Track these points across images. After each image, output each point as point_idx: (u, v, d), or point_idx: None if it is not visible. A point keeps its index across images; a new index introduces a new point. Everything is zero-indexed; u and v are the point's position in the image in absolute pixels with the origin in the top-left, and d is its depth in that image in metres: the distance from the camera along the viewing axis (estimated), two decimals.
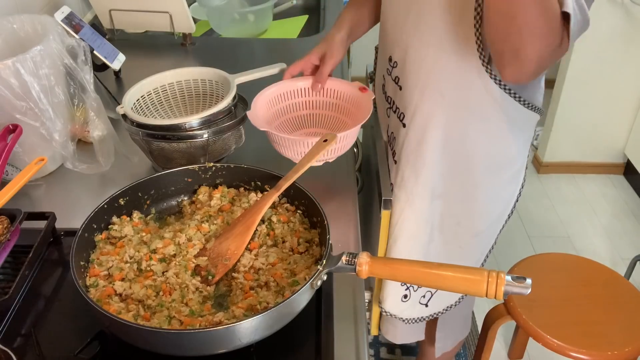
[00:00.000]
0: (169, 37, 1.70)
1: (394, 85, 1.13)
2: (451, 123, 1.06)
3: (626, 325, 1.43)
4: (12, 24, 1.13)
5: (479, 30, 0.92)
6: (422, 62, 1.03)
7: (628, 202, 2.73)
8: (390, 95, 1.16)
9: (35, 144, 1.08)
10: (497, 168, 1.14)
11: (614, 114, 2.71)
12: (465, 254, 1.25)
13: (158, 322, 0.76)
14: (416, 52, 1.04)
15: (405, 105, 1.11)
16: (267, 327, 0.74)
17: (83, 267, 0.83)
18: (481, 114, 1.04)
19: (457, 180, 1.14)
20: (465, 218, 1.20)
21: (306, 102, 1.21)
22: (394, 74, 1.12)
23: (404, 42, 1.06)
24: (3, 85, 0.98)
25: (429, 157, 1.11)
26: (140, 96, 1.15)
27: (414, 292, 1.30)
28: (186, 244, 0.88)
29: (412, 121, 1.10)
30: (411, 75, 1.06)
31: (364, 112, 1.11)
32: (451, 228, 1.21)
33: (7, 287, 0.85)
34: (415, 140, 1.11)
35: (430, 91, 1.04)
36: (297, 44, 1.77)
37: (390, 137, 1.20)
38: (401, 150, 1.15)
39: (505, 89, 0.99)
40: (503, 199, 1.20)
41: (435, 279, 0.73)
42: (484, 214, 1.20)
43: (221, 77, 1.17)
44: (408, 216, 1.19)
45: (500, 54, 0.83)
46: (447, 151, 1.10)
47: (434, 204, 1.17)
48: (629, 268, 2.04)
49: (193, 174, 0.98)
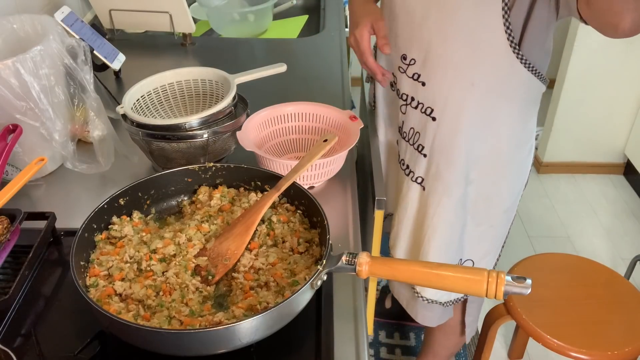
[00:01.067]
0: (169, 37, 1.70)
1: (413, 82, 1.16)
2: (482, 109, 1.12)
3: (626, 325, 1.43)
4: (12, 24, 1.13)
5: (508, 18, 0.98)
6: (449, 56, 1.07)
7: (628, 202, 2.73)
8: (407, 92, 1.18)
9: (35, 144, 1.08)
10: (520, 143, 1.20)
11: (614, 114, 2.71)
12: (496, 232, 1.31)
13: (158, 322, 0.76)
14: (441, 47, 1.07)
15: (433, 100, 1.14)
16: (267, 327, 0.74)
17: (83, 267, 0.83)
18: (509, 96, 1.10)
19: (488, 163, 1.19)
20: (496, 197, 1.25)
21: (296, 126, 1.22)
22: (410, 71, 1.15)
23: (425, 40, 1.09)
24: (3, 85, 0.98)
25: (463, 146, 1.16)
26: (140, 96, 1.15)
27: None
28: (186, 244, 0.88)
29: (443, 113, 1.14)
30: (438, 70, 1.10)
31: (352, 138, 1.13)
32: (484, 209, 1.26)
33: (7, 287, 0.85)
34: (448, 132, 1.15)
35: (460, 83, 1.09)
36: (297, 44, 1.77)
37: (410, 132, 1.23)
38: (432, 143, 1.18)
39: (532, 69, 1.06)
40: (523, 170, 1.27)
41: (435, 279, 0.73)
42: (511, 188, 1.26)
43: (221, 77, 1.17)
44: (446, 205, 1.23)
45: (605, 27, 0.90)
46: (479, 137, 1.15)
47: (468, 189, 1.22)
48: (629, 268, 2.04)
49: (193, 174, 0.98)
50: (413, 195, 1.29)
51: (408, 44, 1.14)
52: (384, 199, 1.20)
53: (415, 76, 1.15)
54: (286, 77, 1.27)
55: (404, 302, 1.51)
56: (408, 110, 1.21)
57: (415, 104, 1.18)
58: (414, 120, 1.20)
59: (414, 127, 1.21)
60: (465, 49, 1.06)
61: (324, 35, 1.77)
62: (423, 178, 1.24)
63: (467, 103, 1.11)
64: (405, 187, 1.30)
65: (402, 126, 1.25)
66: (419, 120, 1.19)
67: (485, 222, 1.28)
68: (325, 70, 1.57)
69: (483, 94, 1.10)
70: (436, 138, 1.17)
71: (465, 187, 1.21)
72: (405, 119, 1.23)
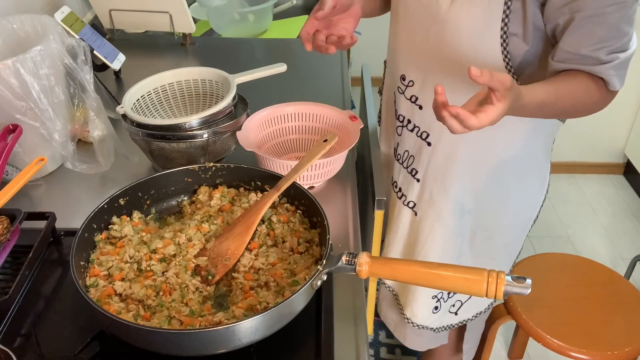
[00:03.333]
0: (169, 37, 1.70)
1: (411, 105, 1.13)
2: (480, 137, 1.04)
3: (626, 325, 1.43)
4: (12, 24, 1.13)
5: (507, 46, 0.95)
6: (446, 82, 1.01)
7: (628, 202, 2.73)
8: (405, 114, 1.15)
9: (35, 144, 1.08)
10: (525, 176, 1.15)
11: (614, 114, 2.70)
12: (496, 265, 1.25)
13: (158, 322, 0.76)
14: (439, 72, 1.04)
15: (429, 125, 1.11)
16: (267, 327, 0.74)
17: (83, 267, 0.83)
18: (509, 124, 1.02)
19: (488, 194, 1.14)
20: (496, 230, 1.20)
21: (296, 126, 1.22)
22: (409, 92, 1.12)
23: (423, 63, 1.06)
24: (3, 85, 0.98)
25: (459, 174, 1.12)
26: (140, 96, 1.15)
27: (444, 303, 1.31)
28: (186, 244, 0.88)
29: (439, 139, 1.11)
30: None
31: (352, 138, 1.12)
32: (483, 242, 1.21)
33: (7, 287, 0.85)
34: (443, 158, 1.12)
35: None
36: (297, 44, 1.77)
37: (404, 155, 1.20)
38: (426, 168, 1.15)
39: None
40: (531, 205, 1.21)
41: (435, 279, 0.73)
42: (515, 222, 1.21)
43: (221, 77, 1.17)
44: (438, 232, 1.19)
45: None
46: (477, 165, 1.11)
47: (464, 219, 1.17)
48: (629, 268, 2.04)
49: (193, 174, 0.98)
50: (404, 219, 1.26)
51: (407, 65, 1.11)
52: (383, 199, 1.19)
53: (413, 99, 1.12)
54: (286, 77, 1.27)
55: (392, 325, 1.48)
56: (404, 133, 1.18)
57: (411, 126, 1.15)
58: (409, 144, 1.18)
59: (408, 150, 1.19)
60: (463, 75, 1.00)
61: None
62: (415, 203, 1.22)
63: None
64: (396, 209, 1.27)
65: (397, 148, 1.22)
66: (414, 144, 1.17)
67: (485, 254, 1.24)
68: (325, 70, 1.57)
69: None
70: (430, 163, 1.14)
71: (460, 217, 1.18)
72: (400, 140, 1.20)
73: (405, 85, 1.12)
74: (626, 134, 2.76)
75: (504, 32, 0.95)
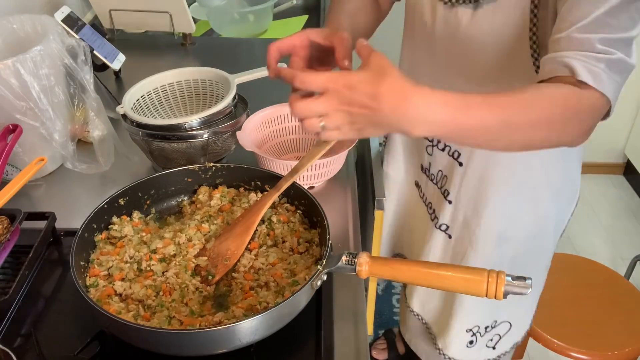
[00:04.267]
0: (169, 37, 1.70)
1: None
2: (514, 157, 1.00)
3: (626, 325, 1.43)
4: (12, 24, 1.13)
5: (538, 59, 0.87)
6: None
7: (628, 202, 2.73)
8: None
9: (35, 144, 1.07)
10: (561, 192, 1.10)
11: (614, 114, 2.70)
12: (537, 289, 1.21)
13: (158, 322, 0.76)
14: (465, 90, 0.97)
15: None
16: (267, 327, 0.74)
17: (83, 267, 0.83)
18: None
19: (525, 217, 1.08)
20: (538, 253, 1.15)
21: (296, 126, 1.21)
22: None
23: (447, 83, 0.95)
24: (3, 85, 0.98)
25: (492, 196, 1.06)
26: (140, 96, 1.15)
27: (481, 338, 1.24)
28: (186, 244, 0.88)
29: (470, 160, 1.05)
30: None
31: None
32: (522, 269, 1.10)
33: (7, 287, 0.85)
34: (475, 179, 1.06)
35: None
36: None
37: (438, 175, 1.14)
38: (459, 189, 1.09)
39: None
40: (563, 222, 1.17)
41: (435, 279, 0.73)
42: (553, 242, 1.16)
43: (221, 77, 1.17)
44: (472, 260, 1.13)
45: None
46: (512, 187, 1.05)
47: (502, 249, 1.11)
48: (629, 268, 2.04)
49: (193, 174, 0.98)
50: (437, 242, 1.19)
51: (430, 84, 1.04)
52: (383, 199, 1.19)
53: None
54: None
55: (423, 355, 1.40)
56: (435, 152, 1.12)
57: (442, 145, 1.09)
58: (442, 163, 1.11)
59: (442, 170, 1.12)
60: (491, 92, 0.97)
61: None
62: (448, 226, 1.15)
63: (496, 152, 1.00)
64: (429, 232, 1.20)
65: (430, 168, 1.15)
66: (447, 163, 1.11)
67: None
68: None
69: None
70: (463, 185, 1.08)
71: (497, 245, 1.10)
72: (432, 160, 1.14)
73: None
74: (626, 134, 2.76)
75: (534, 42, 0.86)
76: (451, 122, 0.66)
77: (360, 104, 0.64)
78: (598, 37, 0.70)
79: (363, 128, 0.66)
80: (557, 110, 0.70)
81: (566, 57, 0.71)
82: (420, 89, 0.65)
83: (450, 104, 0.66)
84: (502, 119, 0.68)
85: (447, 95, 0.66)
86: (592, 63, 0.70)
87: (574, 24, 0.71)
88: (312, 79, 0.65)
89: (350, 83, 0.63)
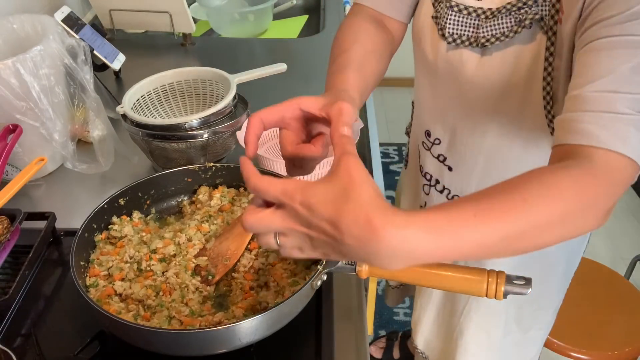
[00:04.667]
0: (169, 37, 1.70)
1: (439, 164, 1.00)
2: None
3: (626, 325, 1.43)
4: (12, 24, 1.13)
5: (551, 110, 0.79)
6: (478, 147, 0.91)
7: (628, 202, 2.73)
8: (432, 173, 1.02)
9: (35, 144, 1.07)
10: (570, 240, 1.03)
11: None
12: (544, 332, 1.16)
13: (158, 322, 0.76)
14: (469, 136, 0.91)
15: (460, 189, 0.99)
16: (267, 327, 0.74)
17: (83, 267, 0.83)
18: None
19: (530, 265, 0.97)
20: (545, 298, 1.09)
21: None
22: (436, 151, 0.99)
23: (450, 123, 0.93)
24: (3, 85, 0.98)
25: None
26: (140, 96, 1.15)
27: None
28: (186, 244, 0.88)
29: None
30: (466, 158, 0.94)
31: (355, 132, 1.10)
32: (531, 314, 1.09)
33: (7, 287, 0.85)
34: None
35: (491, 177, 0.92)
36: (297, 44, 1.77)
37: None
38: None
39: None
40: (576, 262, 1.11)
41: (435, 279, 0.73)
42: (562, 284, 1.11)
43: (221, 77, 1.17)
44: (476, 307, 1.07)
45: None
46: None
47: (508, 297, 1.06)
48: (629, 268, 2.03)
49: (193, 174, 0.98)
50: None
51: (433, 122, 0.97)
52: None
53: (441, 158, 0.98)
54: (286, 77, 1.27)
55: None
56: (432, 193, 1.05)
57: (440, 187, 1.02)
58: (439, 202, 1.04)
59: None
60: (496, 142, 0.88)
61: (324, 35, 1.77)
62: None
63: None
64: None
65: (425, 207, 1.08)
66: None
67: (535, 327, 1.11)
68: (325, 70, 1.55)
69: None
70: None
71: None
72: (428, 200, 1.07)
73: (431, 142, 0.99)
74: None
75: (547, 92, 0.77)
76: (437, 250, 0.52)
77: (319, 229, 0.52)
78: (621, 96, 0.59)
79: (328, 254, 0.55)
80: (571, 204, 0.56)
81: (583, 122, 0.59)
82: (392, 218, 0.50)
83: (433, 230, 0.51)
84: (502, 234, 0.54)
85: (429, 216, 0.52)
86: (617, 126, 0.58)
87: (593, 80, 0.61)
88: (266, 188, 0.54)
89: (308, 202, 0.51)
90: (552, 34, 0.74)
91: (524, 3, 0.75)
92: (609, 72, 0.60)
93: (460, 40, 0.83)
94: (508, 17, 0.77)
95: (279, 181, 0.54)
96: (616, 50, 0.61)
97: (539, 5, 0.74)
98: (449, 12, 0.82)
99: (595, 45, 0.63)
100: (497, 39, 0.78)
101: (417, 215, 0.51)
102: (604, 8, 0.63)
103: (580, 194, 0.56)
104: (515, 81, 0.80)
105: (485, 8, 0.79)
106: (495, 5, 0.78)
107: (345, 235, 0.50)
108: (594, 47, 0.63)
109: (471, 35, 0.81)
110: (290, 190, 0.53)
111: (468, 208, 0.53)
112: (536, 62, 0.77)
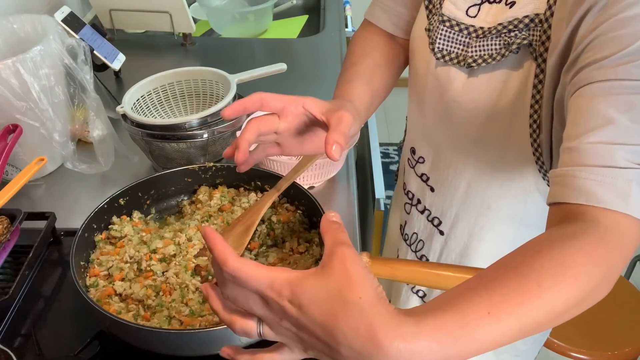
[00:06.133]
0: (169, 37, 1.70)
1: (421, 183, 0.96)
2: (501, 236, 0.90)
3: (626, 325, 1.43)
4: (12, 24, 1.13)
5: (537, 139, 0.75)
6: (461, 171, 0.88)
7: None
8: (415, 192, 0.99)
9: (35, 144, 1.08)
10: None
11: None
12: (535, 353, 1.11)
13: (158, 322, 0.76)
14: (453, 157, 0.88)
15: (442, 212, 0.94)
16: None
17: (83, 267, 0.83)
18: (536, 223, 0.84)
19: None
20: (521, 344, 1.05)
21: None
22: (419, 169, 0.96)
23: (435, 142, 0.90)
24: (3, 85, 0.98)
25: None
26: (140, 96, 1.15)
27: None
28: (186, 244, 0.88)
29: (452, 230, 0.94)
30: (447, 181, 0.91)
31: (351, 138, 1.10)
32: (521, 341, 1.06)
33: (7, 287, 0.85)
34: (458, 252, 0.96)
35: (474, 203, 0.89)
36: (297, 44, 1.77)
37: (413, 237, 1.03)
38: (438, 259, 0.98)
39: None
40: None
41: (435, 279, 0.73)
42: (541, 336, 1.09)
43: (221, 77, 1.17)
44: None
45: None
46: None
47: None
48: (629, 268, 2.03)
49: (193, 174, 0.98)
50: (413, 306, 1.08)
51: (417, 139, 0.94)
52: (383, 199, 1.19)
53: (424, 177, 0.95)
54: (286, 77, 1.27)
55: None
56: (413, 212, 1.01)
57: (421, 207, 0.98)
58: (419, 226, 1.00)
59: (417, 233, 1.01)
60: (478, 168, 0.85)
61: (324, 35, 1.77)
62: (425, 293, 1.04)
63: (482, 226, 0.90)
64: (404, 295, 1.08)
65: (405, 226, 1.04)
66: (424, 228, 0.99)
67: (509, 350, 1.06)
68: (325, 70, 1.57)
69: (501, 220, 0.87)
70: (443, 255, 0.98)
71: None
72: (408, 219, 1.02)
73: (415, 160, 0.96)
74: None
75: (534, 120, 0.74)
76: (447, 357, 0.46)
77: (311, 334, 0.45)
78: (620, 147, 0.54)
79: (321, 358, 0.48)
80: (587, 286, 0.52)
81: (581, 177, 0.55)
82: (399, 331, 0.43)
83: (444, 338, 0.45)
84: (518, 327, 0.49)
85: (437, 321, 0.45)
86: (617, 183, 0.54)
87: (589, 130, 0.56)
88: (248, 277, 0.47)
89: (298, 301, 0.45)
90: (542, 61, 0.70)
91: (515, 26, 0.72)
92: (606, 122, 0.55)
93: (449, 57, 0.80)
94: (497, 39, 0.74)
95: (266, 270, 0.46)
96: (611, 97, 0.56)
97: (530, 30, 0.71)
98: (441, 27, 0.80)
99: (588, 90, 0.58)
100: (484, 60, 0.75)
101: (426, 321, 0.45)
102: (595, 48, 0.59)
103: (595, 270, 0.52)
104: (501, 107, 0.77)
105: (477, 26, 0.77)
106: (487, 24, 0.76)
107: (342, 346, 0.44)
108: (587, 92, 0.59)
109: (460, 54, 0.78)
110: (277, 283, 0.46)
111: (480, 303, 0.47)
112: (524, 90, 0.73)
